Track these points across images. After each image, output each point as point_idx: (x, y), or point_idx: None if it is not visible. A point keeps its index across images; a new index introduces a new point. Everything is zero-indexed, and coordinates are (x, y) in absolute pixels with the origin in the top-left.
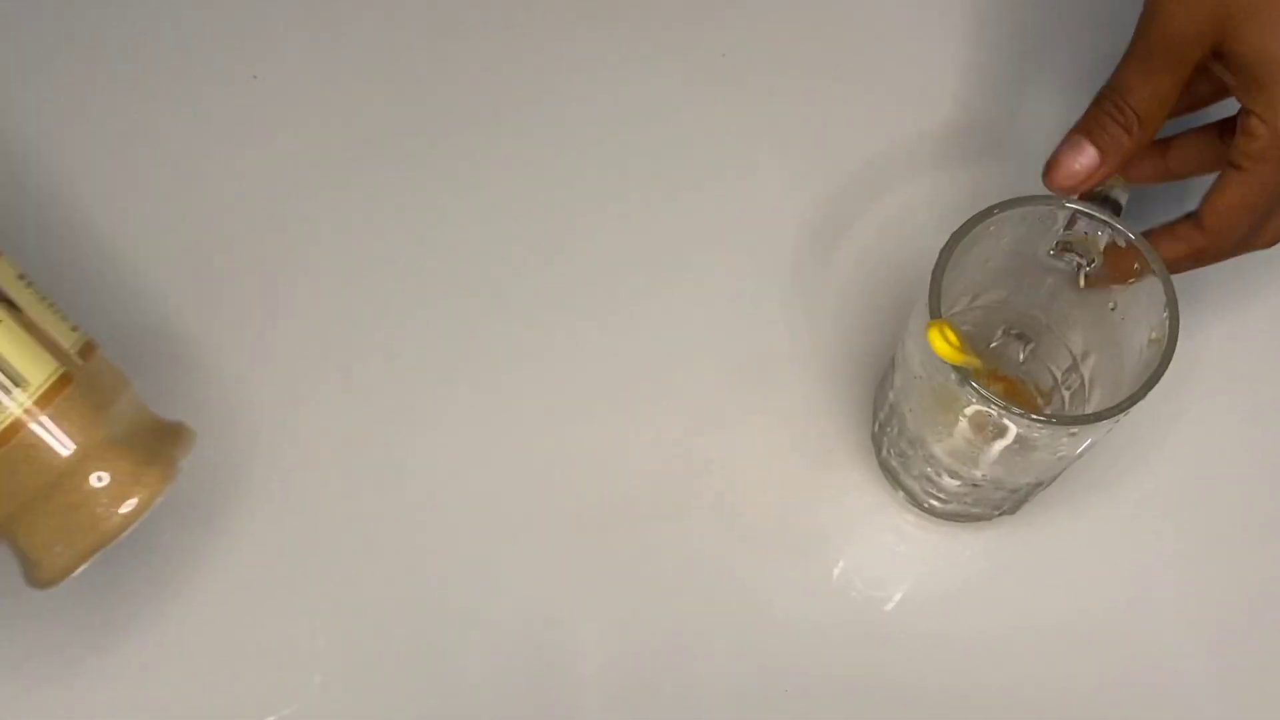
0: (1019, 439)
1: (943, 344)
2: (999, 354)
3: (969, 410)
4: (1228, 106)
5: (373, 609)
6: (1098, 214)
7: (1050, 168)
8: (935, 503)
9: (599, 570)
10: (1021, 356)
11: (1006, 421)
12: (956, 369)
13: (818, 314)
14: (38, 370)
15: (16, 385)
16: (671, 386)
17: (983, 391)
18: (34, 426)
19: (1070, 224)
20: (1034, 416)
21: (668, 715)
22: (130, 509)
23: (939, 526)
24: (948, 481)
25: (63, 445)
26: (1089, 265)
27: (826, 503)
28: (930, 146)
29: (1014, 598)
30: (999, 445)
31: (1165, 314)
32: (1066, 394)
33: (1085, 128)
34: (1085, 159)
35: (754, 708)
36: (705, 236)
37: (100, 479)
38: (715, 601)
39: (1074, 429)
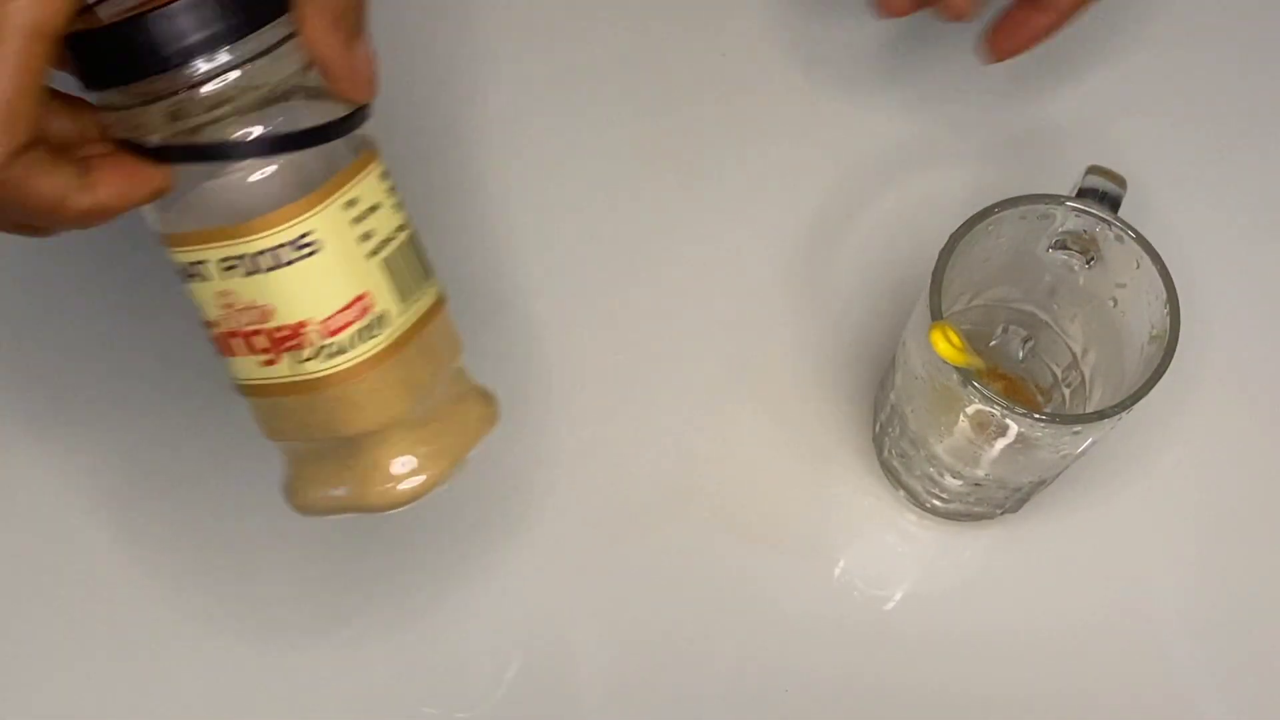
0: (1021, 438)
1: (946, 345)
2: (998, 352)
3: (971, 409)
4: None
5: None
6: (1095, 210)
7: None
8: (937, 502)
9: (599, 570)
10: (1021, 354)
11: (1009, 421)
12: (959, 370)
13: (818, 314)
14: (389, 319)
15: (427, 275)
16: (672, 386)
17: (986, 392)
18: (363, 379)
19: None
20: (1037, 416)
21: (668, 715)
22: (416, 485)
23: (940, 525)
24: (950, 481)
25: (426, 362)
26: (1088, 262)
27: (827, 502)
28: (930, 146)
29: (1016, 596)
30: (1001, 444)
31: (1166, 310)
32: (1067, 391)
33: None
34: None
35: (754, 707)
36: (705, 236)
37: (384, 449)
38: (715, 601)
39: (1077, 427)
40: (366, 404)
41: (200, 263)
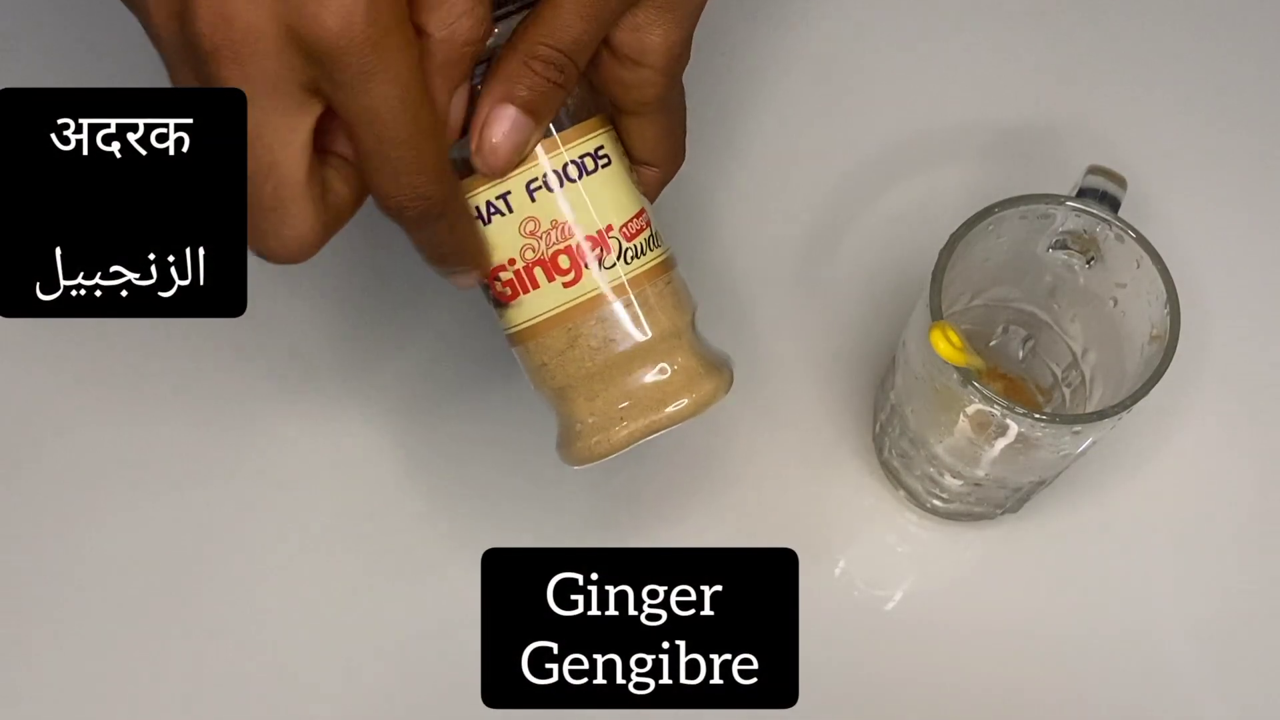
0: (1021, 437)
1: (946, 345)
2: (999, 351)
3: (971, 409)
4: None
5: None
6: (1095, 210)
7: (484, 152)
8: (938, 502)
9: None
10: (1021, 354)
11: (1009, 421)
12: (959, 370)
13: (818, 314)
14: (660, 239)
15: (657, 243)
16: None
17: (986, 392)
18: (649, 288)
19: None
20: (1037, 416)
21: (669, 714)
22: (679, 408)
23: (941, 525)
24: (950, 481)
25: (686, 289)
26: (1088, 262)
27: (828, 502)
28: (930, 146)
29: (1016, 596)
30: (1001, 444)
31: (1166, 310)
32: (1067, 391)
33: (506, 92)
34: (520, 130)
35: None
36: (705, 235)
37: (664, 370)
38: None
39: (1077, 427)
40: (659, 310)
41: (505, 194)
